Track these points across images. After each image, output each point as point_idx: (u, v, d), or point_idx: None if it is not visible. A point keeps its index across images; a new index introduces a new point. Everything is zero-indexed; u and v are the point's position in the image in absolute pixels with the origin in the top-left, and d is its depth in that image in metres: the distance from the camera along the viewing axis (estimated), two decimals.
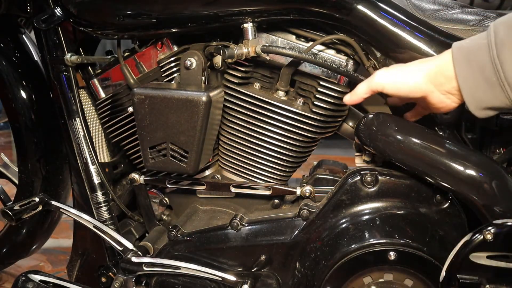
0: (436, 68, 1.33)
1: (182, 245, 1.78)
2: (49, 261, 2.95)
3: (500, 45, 1.21)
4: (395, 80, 1.38)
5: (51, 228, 2.47)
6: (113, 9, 1.70)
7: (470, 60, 1.26)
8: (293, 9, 1.60)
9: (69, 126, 1.91)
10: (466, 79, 1.27)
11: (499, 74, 1.21)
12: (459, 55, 1.28)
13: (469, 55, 1.26)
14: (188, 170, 1.65)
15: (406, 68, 1.39)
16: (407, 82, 1.37)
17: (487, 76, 1.23)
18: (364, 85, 1.45)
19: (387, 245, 1.56)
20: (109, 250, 1.96)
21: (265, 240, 1.72)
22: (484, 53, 1.23)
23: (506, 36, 1.20)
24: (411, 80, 1.36)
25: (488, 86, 1.24)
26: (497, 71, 1.21)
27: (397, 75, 1.39)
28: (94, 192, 1.93)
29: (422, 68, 1.35)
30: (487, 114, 1.31)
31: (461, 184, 1.45)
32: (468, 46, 1.28)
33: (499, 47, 1.21)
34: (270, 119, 1.73)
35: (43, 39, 1.88)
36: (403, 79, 1.37)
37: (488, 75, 1.23)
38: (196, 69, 1.68)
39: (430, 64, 1.34)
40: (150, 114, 1.61)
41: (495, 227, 1.39)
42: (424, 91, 1.36)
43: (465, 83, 1.28)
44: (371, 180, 1.61)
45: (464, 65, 1.27)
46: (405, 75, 1.37)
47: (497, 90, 1.23)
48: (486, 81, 1.24)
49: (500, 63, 1.20)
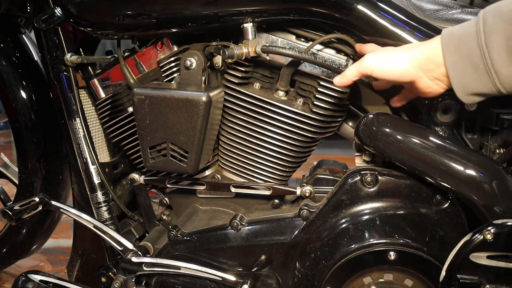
0: (425, 54, 1.33)
1: (182, 245, 1.78)
2: (49, 261, 2.94)
3: (489, 32, 1.22)
4: (384, 64, 1.38)
5: (51, 228, 2.46)
6: (113, 9, 1.69)
7: (458, 46, 1.27)
8: (293, 9, 1.60)
9: (69, 126, 1.90)
10: (455, 65, 1.28)
11: (486, 61, 1.22)
12: (448, 41, 1.29)
13: (458, 42, 1.27)
14: (188, 170, 1.65)
15: (396, 53, 1.39)
16: (396, 67, 1.37)
17: (475, 63, 1.24)
18: (354, 67, 1.43)
19: (387, 245, 1.56)
20: (109, 250, 1.96)
21: (265, 240, 1.72)
22: (472, 40, 1.24)
23: (495, 24, 1.21)
24: (400, 65, 1.36)
25: (475, 72, 1.25)
26: (485, 58, 1.22)
27: (386, 60, 1.38)
28: (94, 192, 1.92)
29: (411, 53, 1.35)
30: (473, 100, 1.32)
31: (461, 184, 1.45)
32: (458, 33, 1.29)
33: (487, 35, 1.22)
34: (270, 119, 1.73)
35: (43, 39, 1.88)
36: (392, 64, 1.37)
37: (476, 61, 1.24)
38: (196, 69, 1.67)
39: (419, 50, 1.35)
40: (150, 114, 1.61)
41: (495, 227, 1.39)
42: (412, 76, 1.36)
43: (453, 69, 1.28)
44: (371, 180, 1.61)
45: (453, 51, 1.28)
46: (394, 60, 1.37)
47: (484, 76, 1.24)
48: (473, 67, 1.25)
49: (488, 50, 1.21)
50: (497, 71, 1.22)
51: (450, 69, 1.29)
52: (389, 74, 1.38)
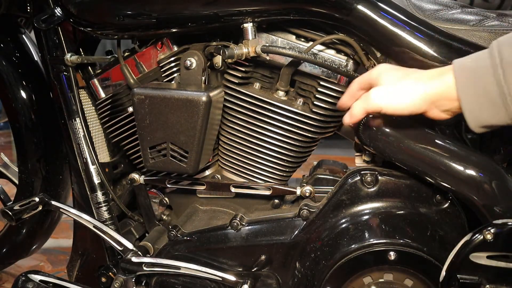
0: (438, 90, 1.29)
1: (182, 245, 1.78)
2: (49, 261, 2.95)
3: (507, 66, 1.18)
4: (393, 101, 1.34)
5: (51, 228, 2.47)
6: (113, 9, 1.69)
7: (474, 81, 1.23)
8: (293, 9, 1.60)
9: (69, 126, 1.90)
10: (470, 101, 1.25)
11: (505, 97, 1.19)
12: (462, 76, 1.26)
13: (472, 76, 1.24)
14: (188, 170, 1.65)
15: (404, 88, 1.34)
16: (406, 103, 1.33)
17: (492, 98, 1.21)
18: (360, 106, 1.41)
19: (387, 245, 1.56)
20: (109, 250, 1.96)
21: (265, 240, 1.72)
22: (489, 75, 1.20)
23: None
24: (410, 101, 1.33)
25: (492, 107, 1.22)
26: (503, 93, 1.19)
27: (395, 96, 1.34)
28: (94, 192, 1.92)
29: (422, 88, 1.31)
30: (484, 130, 1.29)
31: (461, 184, 1.45)
32: (471, 66, 1.25)
33: (505, 69, 1.18)
34: (270, 119, 1.73)
35: (43, 39, 1.88)
36: (401, 101, 1.33)
37: (494, 97, 1.20)
38: (196, 69, 1.68)
39: (430, 85, 1.31)
40: (150, 114, 1.61)
41: (495, 227, 1.39)
42: (424, 110, 1.34)
43: (468, 105, 1.25)
44: (371, 180, 1.61)
45: (467, 86, 1.24)
46: (403, 96, 1.33)
47: (502, 111, 1.21)
48: (490, 102, 1.21)
49: (507, 85, 1.18)
50: None
51: (465, 103, 1.25)
52: (398, 111, 1.35)
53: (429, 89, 1.30)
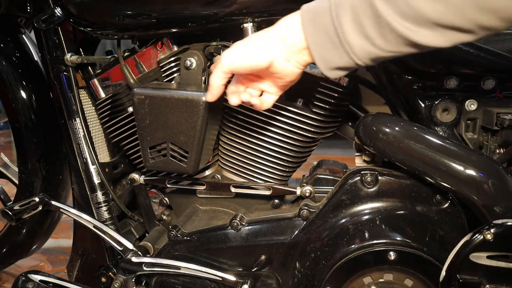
0: (283, 32, 1.31)
1: (182, 245, 1.78)
2: (49, 261, 2.95)
3: (339, 5, 1.21)
4: (243, 55, 1.35)
5: (51, 228, 2.46)
6: (113, 9, 1.69)
7: (315, 22, 1.26)
8: (293, 9, 1.59)
9: (69, 126, 1.90)
10: (314, 40, 1.27)
11: (339, 36, 1.21)
12: (306, 18, 1.28)
13: (314, 18, 1.26)
14: (188, 170, 1.65)
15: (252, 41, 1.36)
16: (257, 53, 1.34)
17: (331, 38, 1.23)
18: (216, 73, 1.41)
19: (387, 245, 1.56)
20: (109, 250, 1.97)
21: (265, 240, 1.72)
22: (326, 15, 1.23)
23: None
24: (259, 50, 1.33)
25: (333, 46, 1.24)
26: (337, 33, 1.21)
27: (244, 50, 1.35)
28: (94, 192, 1.92)
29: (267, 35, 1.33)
30: (337, 74, 1.30)
31: (461, 184, 1.45)
32: (314, 8, 1.27)
33: (338, 8, 1.21)
34: (270, 119, 1.73)
35: (43, 39, 1.88)
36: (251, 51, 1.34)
37: (332, 36, 1.23)
38: (196, 69, 1.68)
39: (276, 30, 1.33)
40: (150, 114, 1.61)
41: (495, 227, 1.39)
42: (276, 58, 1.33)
43: (313, 45, 1.27)
44: (371, 180, 1.61)
45: (311, 27, 1.26)
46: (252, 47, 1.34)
47: (341, 50, 1.23)
48: (331, 42, 1.24)
49: (340, 23, 1.21)
50: (350, 43, 1.21)
51: (311, 44, 1.27)
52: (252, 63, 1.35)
53: (276, 32, 1.32)
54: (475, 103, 1.60)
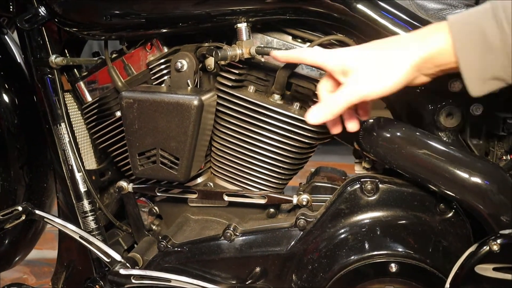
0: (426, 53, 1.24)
1: (173, 256, 1.78)
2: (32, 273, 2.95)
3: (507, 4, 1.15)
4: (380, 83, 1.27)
5: (35, 239, 2.45)
6: (100, 8, 1.69)
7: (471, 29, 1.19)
8: (290, 8, 1.59)
9: (53, 131, 1.90)
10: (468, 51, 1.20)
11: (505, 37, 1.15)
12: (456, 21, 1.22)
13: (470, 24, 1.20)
14: (179, 178, 1.64)
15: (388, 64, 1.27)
16: (395, 79, 1.26)
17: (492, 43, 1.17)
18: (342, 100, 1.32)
19: (388, 256, 1.56)
20: (96, 262, 1.96)
21: (260, 251, 1.71)
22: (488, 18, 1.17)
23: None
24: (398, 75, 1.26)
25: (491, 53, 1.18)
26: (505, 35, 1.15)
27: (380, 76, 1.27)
28: (80, 200, 1.92)
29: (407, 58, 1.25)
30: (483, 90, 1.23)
31: (466, 192, 1.45)
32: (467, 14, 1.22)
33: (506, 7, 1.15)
34: (265, 124, 1.73)
35: (27, 40, 1.88)
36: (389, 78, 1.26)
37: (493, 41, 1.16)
38: (187, 71, 1.67)
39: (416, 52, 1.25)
40: (139, 119, 1.61)
41: (502, 238, 1.39)
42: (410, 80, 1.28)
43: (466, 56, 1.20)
44: (372, 188, 1.60)
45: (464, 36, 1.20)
46: (390, 73, 1.26)
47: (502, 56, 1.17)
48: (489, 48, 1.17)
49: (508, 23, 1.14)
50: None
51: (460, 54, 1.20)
52: (388, 90, 1.28)
53: (418, 54, 1.25)
54: (480, 107, 1.59)
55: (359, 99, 1.31)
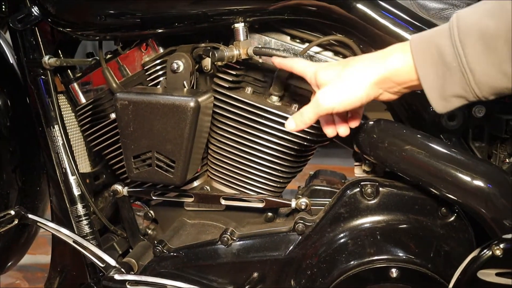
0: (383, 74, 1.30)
1: (169, 261, 1.77)
2: (25, 278, 2.94)
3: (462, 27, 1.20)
4: (343, 98, 1.34)
5: (27, 243, 2.45)
6: (94, 8, 1.69)
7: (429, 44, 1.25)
8: (288, 7, 1.59)
9: (47, 133, 1.89)
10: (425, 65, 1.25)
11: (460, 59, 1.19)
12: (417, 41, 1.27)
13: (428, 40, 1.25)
14: (175, 181, 1.64)
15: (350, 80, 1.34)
16: (357, 96, 1.33)
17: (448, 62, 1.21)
18: (311, 111, 1.40)
19: (389, 261, 1.56)
20: (90, 267, 1.96)
21: (258, 256, 1.71)
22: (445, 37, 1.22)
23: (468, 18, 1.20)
24: (361, 92, 1.32)
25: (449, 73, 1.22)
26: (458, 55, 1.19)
27: (342, 93, 1.34)
28: (74, 204, 1.91)
29: (369, 75, 1.32)
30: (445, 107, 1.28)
31: (468, 196, 1.45)
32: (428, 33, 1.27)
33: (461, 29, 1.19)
34: (263, 126, 1.72)
35: (19, 40, 1.87)
36: (352, 94, 1.33)
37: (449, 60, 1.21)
38: (183, 72, 1.67)
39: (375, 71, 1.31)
40: (134, 121, 1.60)
41: (505, 242, 1.39)
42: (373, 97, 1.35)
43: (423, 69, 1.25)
44: (372, 191, 1.60)
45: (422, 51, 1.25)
46: (352, 89, 1.33)
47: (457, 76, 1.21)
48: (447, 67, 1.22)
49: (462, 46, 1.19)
50: (472, 69, 1.19)
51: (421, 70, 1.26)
52: (351, 105, 1.35)
53: (375, 73, 1.31)
54: (483, 109, 1.59)
55: (325, 111, 1.37)
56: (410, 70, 1.28)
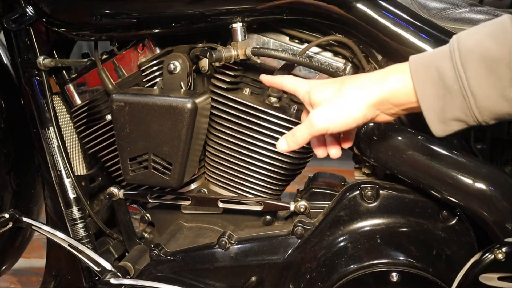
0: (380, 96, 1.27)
1: (166, 265, 1.77)
2: (20, 282, 2.94)
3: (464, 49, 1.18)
4: (338, 119, 1.31)
5: (22, 247, 2.44)
6: (89, 7, 1.68)
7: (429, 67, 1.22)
8: (287, 7, 1.59)
9: (41, 135, 1.89)
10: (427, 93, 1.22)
11: (461, 82, 1.17)
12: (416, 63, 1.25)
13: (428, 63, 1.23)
14: (172, 184, 1.64)
15: (345, 101, 1.31)
16: (352, 117, 1.30)
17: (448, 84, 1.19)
18: (305, 132, 1.36)
19: (389, 265, 1.55)
20: (86, 271, 1.95)
21: (256, 260, 1.70)
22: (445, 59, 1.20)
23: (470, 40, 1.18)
24: (356, 113, 1.29)
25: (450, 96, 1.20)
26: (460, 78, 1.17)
27: (338, 113, 1.31)
28: (69, 207, 1.91)
29: (365, 96, 1.29)
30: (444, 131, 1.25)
31: (470, 198, 1.45)
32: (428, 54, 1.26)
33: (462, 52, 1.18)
34: (261, 127, 1.72)
35: (14, 40, 1.87)
36: (346, 116, 1.30)
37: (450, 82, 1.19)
38: (180, 73, 1.67)
39: (373, 92, 1.28)
40: (130, 123, 1.60)
41: (507, 246, 1.38)
42: (371, 118, 1.32)
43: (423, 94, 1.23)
44: (372, 194, 1.60)
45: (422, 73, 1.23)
46: (347, 110, 1.30)
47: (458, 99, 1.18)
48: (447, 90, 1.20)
49: (464, 69, 1.17)
50: (474, 92, 1.17)
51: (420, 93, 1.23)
52: (346, 126, 1.32)
53: (372, 95, 1.29)
54: None
55: (319, 131, 1.34)
56: (409, 92, 1.25)
